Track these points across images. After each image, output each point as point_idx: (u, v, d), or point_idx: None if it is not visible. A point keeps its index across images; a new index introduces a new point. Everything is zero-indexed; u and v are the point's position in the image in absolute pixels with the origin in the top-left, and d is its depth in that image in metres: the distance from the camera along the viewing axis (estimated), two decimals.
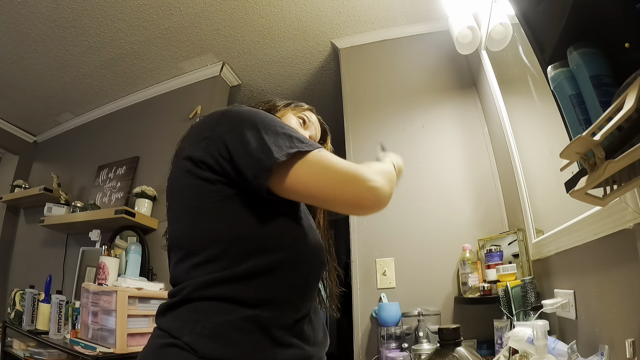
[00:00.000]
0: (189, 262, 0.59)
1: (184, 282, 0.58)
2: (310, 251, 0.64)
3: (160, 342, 0.55)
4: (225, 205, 0.59)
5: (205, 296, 0.55)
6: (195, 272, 0.57)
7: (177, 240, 0.63)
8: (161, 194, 2.20)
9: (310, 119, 0.91)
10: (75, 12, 1.90)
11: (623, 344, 0.71)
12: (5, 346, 1.89)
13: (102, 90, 2.57)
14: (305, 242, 0.63)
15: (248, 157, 0.56)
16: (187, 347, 0.52)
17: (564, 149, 0.54)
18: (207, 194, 0.59)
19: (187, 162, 0.61)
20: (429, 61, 2.02)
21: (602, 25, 0.61)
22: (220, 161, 0.58)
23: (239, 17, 2.01)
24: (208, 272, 0.56)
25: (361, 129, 1.98)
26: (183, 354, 0.52)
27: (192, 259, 0.58)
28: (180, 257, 0.61)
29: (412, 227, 1.73)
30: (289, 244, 0.60)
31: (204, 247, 0.58)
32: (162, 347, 0.54)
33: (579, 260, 0.97)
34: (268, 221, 0.59)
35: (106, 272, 1.68)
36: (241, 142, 0.58)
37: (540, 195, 1.31)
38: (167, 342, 0.54)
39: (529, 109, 1.38)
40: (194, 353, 0.52)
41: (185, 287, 0.57)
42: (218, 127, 0.61)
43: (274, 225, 0.60)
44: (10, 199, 2.61)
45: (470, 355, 0.81)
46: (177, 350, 0.52)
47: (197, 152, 0.60)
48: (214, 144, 0.59)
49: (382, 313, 1.54)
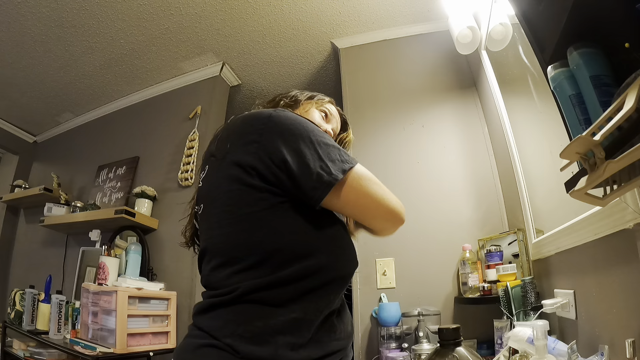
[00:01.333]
0: (231, 268, 0.60)
1: (226, 287, 0.59)
2: (347, 255, 0.67)
3: (199, 342, 0.57)
4: (270, 213, 0.60)
5: (248, 299, 0.57)
6: (238, 277, 0.59)
7: (218, 246, 0.64)
8: (161, 194, 2.20)
9: (331, 112, 0.94)
10: (75, 12, 1.90)
11: (623, 344, 0.70)
12: (5, 346, 1.88)
13: (102, 90, 2.57)
14: (343, 247, 0.67)
15: (307, 170, 0.60)
16: (227, 348, 0.54)
17: (564, 149, 0.54)
18: (254, 202, 0.60)
19: (234, 166, 0.62)
20: (429, 61, 2.02)
21: (602, 25, 0.61)
22: (274, 169, 0.60)
23: (239, 17, 2.01)
24: (252, 278, 0.58)
25: (361, 129, 1.98)
26: (223, 354, 0.54)
27: (234, 266, 0.60)
28: (221, 263, 0.62)
29: (412, 227, 1.73)
30: (329, 250, 0.63)
31: (248, 254, 0.60)
32: (201, 347, 0.56)
33: (579, 260, 0.97)
34: (310, 229, 0.62)
35: (106, 272, 1.68)
36: (297, 153, 0.60)
37: (540, 195, 1.31)
38: (206, 343, 0.56)
39: (529, 109, 1.38)
40: (236, 354, 0.54)
41: (229, 292, 0.58)
42: (268, 133, 0.62)
43: (316, 232, 0.63)
44: (10, 199, 2.61)
45: (470, 355, 0.81)
46: (217, 350, 0.55)
47: (247, 157, 0.61)
48: (265, 151, 0.60)
49: (382, 313, 1.54)
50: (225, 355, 0.54)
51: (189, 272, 1.95)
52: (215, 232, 0.64)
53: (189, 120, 2.30)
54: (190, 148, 2.20)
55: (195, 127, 2.25)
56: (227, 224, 0.62)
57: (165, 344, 1.73)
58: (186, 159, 2.18)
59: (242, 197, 0.60)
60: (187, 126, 2.29)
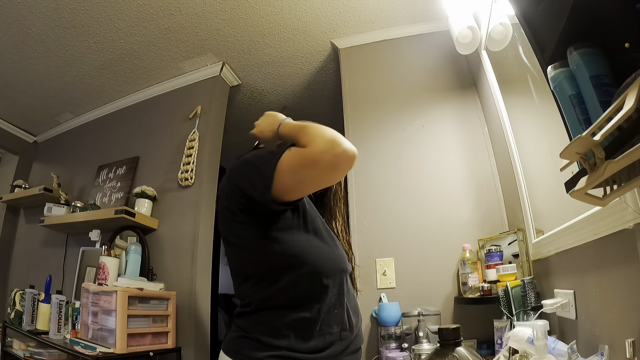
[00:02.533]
0: (248, 283, 0.81)
1: (249, 298, 0.80)
2: (329, 262, 0.81)
3: (238, 335, 0.79)
4: (258, 240, 0.78)
5: (263, 307, 0.78)
6: (253, 290, 0.79)
7: (235, 268, 0.85)
8: (161, 194, 2.20)
9: None
10: (75, 12, 1.90)
11: (623, 344, 0.71)
12: (5, 346, 1.88)
13: (102, 90, 2.57)
14: (324, 255, 0.81)
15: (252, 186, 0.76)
16: (255, 340, 0.76)
17: (564, 149, 0.54)
18: (244, 235, 0.80)
19: (225, 209, 0.82)
20: (429, 61, 2.02)
21: (602, 25, 0.61)
22: (242, 201, 0.77)
23: (239, 17, 2.01)
24: (260, 290, 0.78)
25: (361, 129, 1.98)
26: (252, 342, 0.76)
27: (249, 281, 0.81)
28: (242, 280, 0.83)
29: (412, 227, 1.73)
30: (310, 259, 0.78)
31: (253, 272, 0.80)
32: (239, 338, 0.79)
33: (579, 260, 0.97)
34: (292, 245, 0.78)
35: (106, 272, 1.68)
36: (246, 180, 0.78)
37: (540, 195, 1.31)
38: (242, 335, 0.79)
39: (529, 109, 1.38)
40: (260, 343, 0.75)
41: (251, 302, 0.79)
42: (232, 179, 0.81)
43: (297, 247, 0.78)
44: (10, 199, 2.61)
45: (470, 355, 0.81)
46: (248, 340, 0.77)
47: (227, 202, 0.81)
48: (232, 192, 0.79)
49: (382, 313, 1.54)
50: (255, 344, 0.75)
51: (188, 272, 1.95)
52: (230, 259, 0.86)
53: (189, 120, 2.30)
54: (190, 148, 2.20)
55: (195, 127, 2.25)
56: (234, 252, 0.84)
57: (165, 344, 1.73)
58: (186, 159, 2.18)
59: (237, 232, 0.81)
60: (187, 126, 2.29)
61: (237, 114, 2.89)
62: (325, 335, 0.77)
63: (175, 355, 1.76)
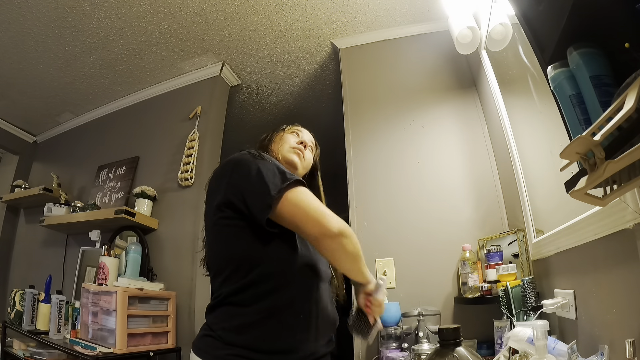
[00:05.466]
0: (219, 278, 0.82)
1: (218, 292, 0.82)
2: (298, 265, 0.82)
3: (203, 333, 0.81)
4: (237, 236, 0.80)
5: (230, 302, 0.79)
6: (223, 285, 0.81)
7: (210, 262, 0.88)
8: (161, 194, 2.20)
9: (300, 130, 1.10)
10: (75, 12, 1.90)
11: (623, 344, 0.71)
12: (5, 346, 1.88)
13: (102, 90, 2.57)
14: (295, 258, 0.82)
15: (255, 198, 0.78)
16: (218, 337, 0.77)
17: (564, 149, 0.54)
18: (225, 228, 0.82)
19: (212, 202, 0.84)
20: (429, 61, 2.02)
21: (602, 25, 0.61)
22: (235, 201, 0.79)
23: (239, 17, 2.01)
24: (229, 285, 0.79)
25: (361, 129, 1.98)
26: (215, 342, 0.77)
27: (220, 276, 0.82)
28: (214, 275, 0.85)
29: (412, 227, 1.73)
30: (280, 259, 0.80)
31: (225, 267, 0.81)
32: (204, 336, 0.80)
33: (579, 260, 0.97)
34: (259, 245, 0.80)
35: (106, 272, 1.68)
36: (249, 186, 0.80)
37: (540, 195, 1.31)
38: (207, 333, 0.80)
39: (529, 109, 1.37)
40: (222, 340, 0.76)
41: (219, 296, 0.81)
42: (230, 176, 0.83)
43: (263, 247, 0.80)
44: (10, 199, 2.61)
45: (470, 355, 0.81)
46: (212, 339, 0.78)
47: (219, 196, 0.82)
48: (230, 189, 0.81)
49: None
50: (217, 342, 0.76)
51: (188, 272, 1.95)
52: (209, 254, 0.88)
53: (189, 120, 2.30)
54: (190, 148, 2.20)
55: (195, 127, 2.25)
56: (212, 246, 0.86)
57: (165, 344, 1.73)
58: (186, 159, 2.18)
59: (219, 226, 0.83)
60: (187, 126, 2.29)
61: (237, 114, 2.89)
62: (288, 339, 0.77)
63: (175, 355, 1.76)
